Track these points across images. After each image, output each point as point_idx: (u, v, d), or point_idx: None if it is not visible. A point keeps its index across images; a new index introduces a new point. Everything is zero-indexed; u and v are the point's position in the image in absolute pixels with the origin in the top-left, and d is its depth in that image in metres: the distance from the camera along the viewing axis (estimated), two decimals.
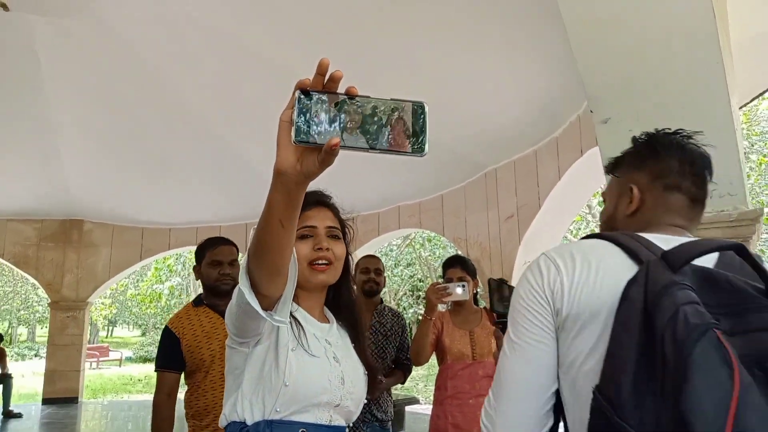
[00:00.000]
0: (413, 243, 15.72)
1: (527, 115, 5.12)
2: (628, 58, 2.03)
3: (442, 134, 5.70)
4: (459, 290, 2.52)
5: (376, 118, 0.69)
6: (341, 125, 0.69)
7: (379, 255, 16.77)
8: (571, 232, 11.38)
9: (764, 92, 3.97)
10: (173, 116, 5.93)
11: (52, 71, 5.24)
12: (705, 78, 1.96)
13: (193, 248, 2.58)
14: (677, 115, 2.05)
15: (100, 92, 5.61)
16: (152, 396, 2.16)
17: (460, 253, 6.51)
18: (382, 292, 3.08)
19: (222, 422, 1.19)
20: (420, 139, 0.70)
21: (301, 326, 1.18)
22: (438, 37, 4.32)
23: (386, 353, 2.90)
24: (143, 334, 28.50)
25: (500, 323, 1.66)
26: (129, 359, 22.21)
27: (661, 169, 1.07)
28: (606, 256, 0.92)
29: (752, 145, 12.21)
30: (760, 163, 10.55)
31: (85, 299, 8.75)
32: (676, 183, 1.05)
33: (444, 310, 2.89)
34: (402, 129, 0.70)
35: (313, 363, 1.16)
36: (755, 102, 11.52)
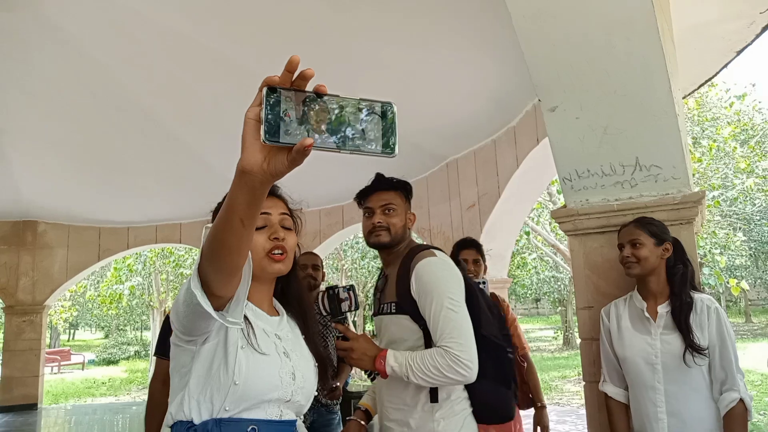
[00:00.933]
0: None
1: (485, 106, 5.18)
2: (573, 48, 2.08)
3: (403, 127, 5.60)
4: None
5: (345, 118, 0.68)
6: (310, 124, 0.67)
7: (345, 247, 16.66)
8: (532, 218, 11.58)
9: (709, 80, 4.12)
10: (127, 116, 5.78)
11: None
12: (646, 67, 2.02)
13: (153, 246, 2.53)
14: (620, 103, 2.11)
15: (49, 93, 5.42)
16: (116, 398, 2.11)
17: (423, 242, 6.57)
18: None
19: (168, 421, 1.16)
20: (390, 140, 0.70)
21: (251, 324, 1.17)
22: (396, 35, 4.32)
23: (328, 342, 2.91)
24: (106, 336, 27.85)
25: (338, 321, 1.69)
26: (92, 362, 21.64)
27: None
28: None
29: (703, 131, 12.65)
30: (711, 148, 10.95)
31: (41, 302, 8.47)
32: None
33: None
34: (371, 129, 0.69)
35: (263, 361, 1.14)
36: (705, 89, 11.92)
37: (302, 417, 1.30)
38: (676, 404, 1.88)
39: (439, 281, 1.61)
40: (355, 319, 20.45)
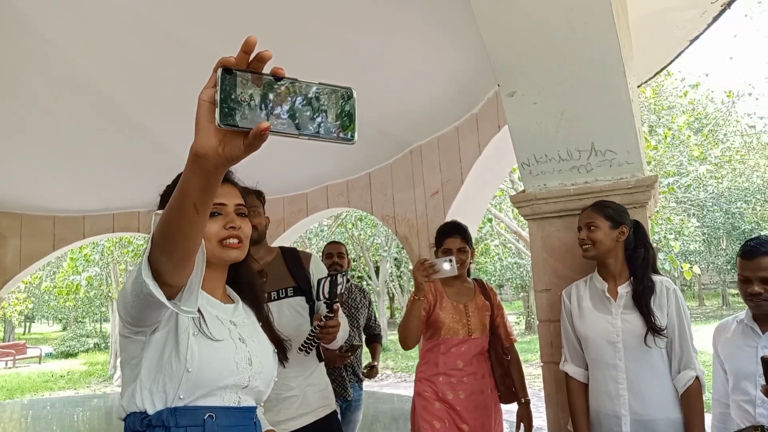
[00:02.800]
0: (344, 222, 15.72)
1: (449, 92, 5.19)
2: (531, 33, 2.09)
3: (367, 113, 5.67)
4: (446, 266, 2.28)
5: (303, 103, 0.66)
6: (268, 108, 0.65)
7: (309, 235, 16.52)
8: (494, 205, 11.74)
9: (663, 68, 4.22)
10: (82, 99, 5.56)
11: None
12: (601, 53, 2.06)
13: (111, 236, 2.50)
14: (577, 89, 2.15)
15: (2, 81, 5.17)
16: (76, 392, 2.05)
17: (386, 230, 6.53)
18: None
19: (119, 414, 1.14)
20: (349, 126, 0.68)
21: (201, 312, 1.14)
22: (360, 17, 4.27)
23: (358, 322, 3.50)
24: (64, 329, 27.09)
25: (333, 304, 1.82)
26: (50, 355, 21.04)
27: None
28: None
29: (660, 119, 13.02)
30: (666, 136, 11.28)
31: None
32: None
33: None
34: (331, 115, 0.67)
35: (216, 347, 1.13)
36: (662, 78, 12.25)
37: (262, 405, 1.29)
38: (636, 381, 1.95)
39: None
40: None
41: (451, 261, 2.28)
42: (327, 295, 1.79)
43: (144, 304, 0.99)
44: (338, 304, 1.81)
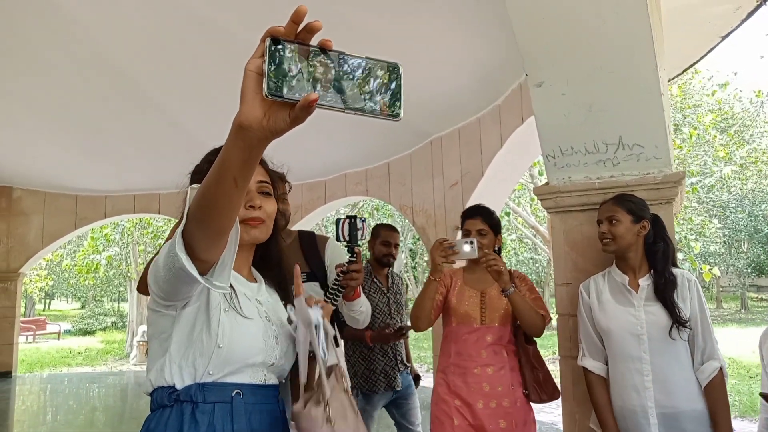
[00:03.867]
0: (361, 212, 15.73)
1: (471, 83, 5.15)
2: (562, 23, 2.06)
3: (383, 120, 5.64)
4: (466, 248, 2.16)
5: (350, 76, 0.65)
6: (315, 81, 0.64)
7: (326, 223, 16.50)
8: (512, 199, 11.66)
9: (693, 65, 4.14)
10: (106, 80, 5.62)
11: None
12: (633, 45, 2.02)
13: (131, 216, 2.52)
14: (606, 80, 2.11)
15: (25, 51, 5.23)
16: (93, 368, 2.06)
17: (403, 220, 6.50)
18: None
19: (146, 388, 1.14)
20: (395, 102, 0.67)
21: (233, 288, 1.14)
22: (386, 5, 4.25)
23: (403, 308, 3.41)
24: (83, 307, 27.60)
25: (354, 247, 1.81)
26: (68, 332, 21.47)
27: None
28: None
29: (685, 118, 12.78)
30: (691, 135, 11.08)
31: (16, 270, 8.34)
32: None
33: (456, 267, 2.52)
34: (377, 90, 0.66)
35: (247, 324, 1.13)
36: (689, 76, 12.01)
37: (284, 381, 1.30)
38: (660, 374, 1.92)
39: (343, 255, 1.91)
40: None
41: (471, 243, 2.16)
42: (347, 238, 1.77)
43: (176, 278, 0.98)
44: (360, 248, 1.79)
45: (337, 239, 1.84)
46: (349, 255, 1.78)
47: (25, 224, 8.40)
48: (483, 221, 2.36)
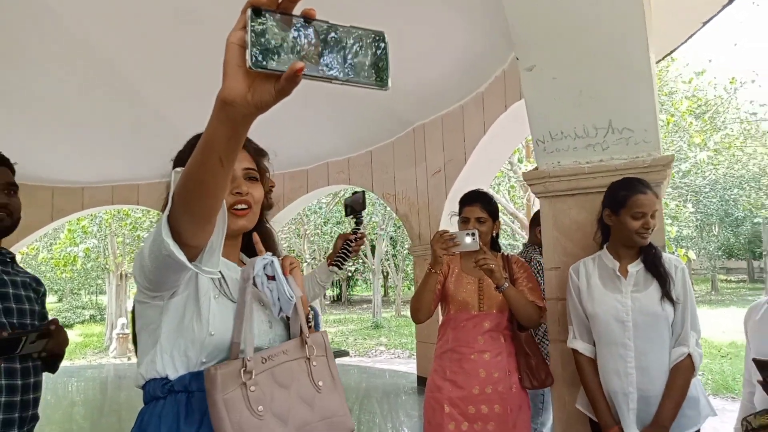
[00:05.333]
0: (342, 201, 15.68)
1: (454, 71, 5.14)
2: (555, 7, 2.06)
3: (369, 90, 5.62)
4: (467, 240, 2.13)
5: (336, 46, 0.63)
6: (299, 51, 0.62)
7: (308, 212, 16.39)
8: (493, 187, 11.74)
9: (673, 51, 4.18)
10: (84, 69, 5.48)
11: None
12: (626, 29, 2.03)
13: (109, 208, 2.47)
14: (598, 64, 2.12)
15: (1, 42, 5.06)
16: (71, 362, 1.96)
17: (385, 208, 6.46)
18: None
19: (138, 382, 1.12)
20: (382, 71, 0.65)
21: (222, 274, 1.11)
22: None
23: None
24: (60, 300, 27.07)
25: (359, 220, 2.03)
26: None
27: None
28: None
29: (662, 105, 12.97)
30: (668, 122, 11.25)
31: None
32: None
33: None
34: (364, 59, 0.64)
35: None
36: (665, 63, 12.18)
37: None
38: (643, 360, 1.95)
39: None
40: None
41: (473, 235, 2.14)
42: (362, 207, 1.97)
43: (163, 266, 0.95)
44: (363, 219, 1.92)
45: (347, 214, 1.98)
46: (356, 224, 1.93)
47: None
48: (482, 208, 2.34)
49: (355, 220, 1.92)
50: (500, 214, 2.54)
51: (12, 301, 1.64)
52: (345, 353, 7.91)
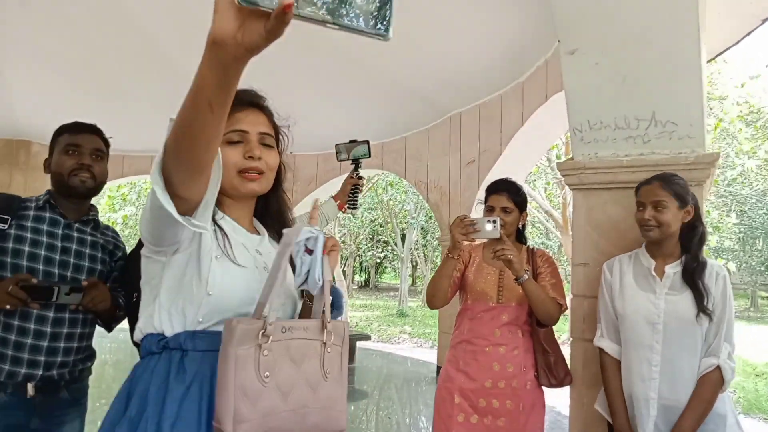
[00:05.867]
0: (375, 187, 15.68)
1: (494, 59, 5.02)
2: None
3: (407, 76, 5.56)
4: (488, 226, 2.06)
5: None
6: None
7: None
8: (529, 182, 11.52)
9: (731, 47, 3.98)
10: (126, 39, 5.56)
11: None
12: (677, 12, 1.91)
13: (148, 177, 2.69)
14: (644, 51, 2.01)
15: (47, 9, 5.17)
16: (107, 329, 2.05)
17: (417, 196, 6.41)
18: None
19: (137, 336, 1.11)
20: (384, 19, 0.60)
21: (227, 235, 1.10)
22: None
23: None
24: None
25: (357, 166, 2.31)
26: None
27: None
28: None
29: (710, 109, 12.48)
30: (716, 127, 10.83)
31: None
32: None
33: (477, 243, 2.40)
34: (365, 4, 0.60)
35: (239, 272, 1.08)
36: (717, 66, 11.69)
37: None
38: (670, 366, 1.86)
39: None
40: (345, 269, 20.64)
41: (494, 222, 2.06)
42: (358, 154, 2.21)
43: (159, 219, 0.94)
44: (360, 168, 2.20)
45: (344, 159, 2.30)
46: (356, 168, 2.26)
47: (42, 179, 8.41)
48: (509, 198, 2.25)
49: (354, 166, 2.21)
50: (534, 211, 2.49)
51: (71, 256, 1.77)
52: (367, 337, 7.94)
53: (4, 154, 8.17)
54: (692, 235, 1.89)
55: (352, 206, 2.17)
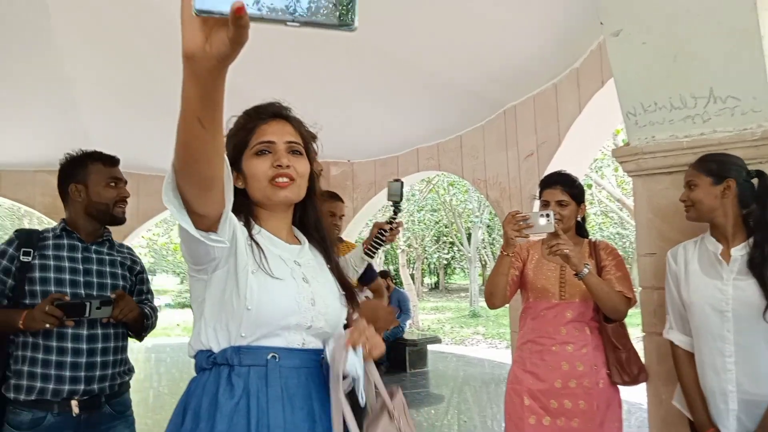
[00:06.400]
0: (436, 188, 15.60)
1: (546, 47, 4.86)
2: None
3: (457, 73, 5.49)
4: (542, 221, 2.00)
5: None
6: None
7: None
8: (595, 171, 11.07)
9: None
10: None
11: (61, 21, 5.15)
12: None
13: None
14: (694, 24, 1.88)
15: (113, 44, 5.51)
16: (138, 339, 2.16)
17: (477, 194, 6.32)
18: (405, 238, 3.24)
19: (190, 352, 1.16)
20: (349, 10, 0.59)
21: (261, 249, 1.12)
22: None
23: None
24: (181, 282, 29.46)
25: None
26: (168, 305, 23.15)
27: None
28: None
29: None
30: None
31: None
32: None
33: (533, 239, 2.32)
34: None
35: (277, 285, 1.10)
36: None
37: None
38: (746, 356, 1.73)
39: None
40: (414, 272, 20.63)
41: (548, 216, 1.99)
42: (398, 198, 1.98)
43: (186, 240, 0.98)
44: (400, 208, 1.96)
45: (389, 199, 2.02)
46: (394, 212, 1.96)
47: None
48: (563, 191, 2.19)
49: (393, 208, 1.93)
50: (605, 200, 2.40)
51: (94, 276, 1.90)
52: (438, 340, 7.90)
53: None
54: (753, 216, 1.75)
55: (368, 251, 1.99)
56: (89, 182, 1.96)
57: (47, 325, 1.68)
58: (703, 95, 2.01)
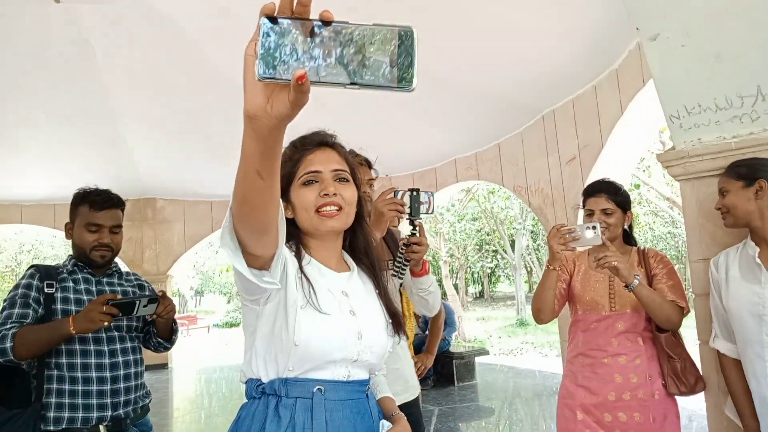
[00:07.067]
0: (476, 197, 15.45)
1: (581, 50, 4.78)
2: None
3: (495, 81, 5.46)
4: (588, 233, 1.94)
5: (355, 48, 0.59)
6: (314, 57, 0.59)
7: (441, 210, 16.51)
8: (642, 170, 10.74)
9: None
10: (228, 97, 6.00)
11: (106, 60, 5.40)
12: None
13: None
14: (734, 23, 1.82)
15: (156, 78, 5.74)
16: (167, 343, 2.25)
17: (519, 202, 6.21)
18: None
19: (241, 378, 1.19)
20: (408, 71, 0.60)
21: (311, 283, 1.13)
22: None
23: None
24: (228, 302, 30.12)
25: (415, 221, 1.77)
26: (216, 325, 23.70)
27: None
28: None
29: None
30: None
31: (165, 272, 9.27)
32: None
33: (580, 250, 2.26)
34: (387, 59, 0.60)
35: (324, 321, 1.11)
36: None
37: (383, 370, 1.27)
38: None
39: None
40: (457, 281, 20.45)
41: (594, 228, 1.93)
42: (408, 211, 1.74)
43: (239, 279, 1.01)
44: (421, 222, 1.77)
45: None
46: (411, 228, 1.77)
47: (169, 231, 9.32)
48: (608, 199, 2.13)
49: (408, 220, 1.79)
50: (655, 200, 2.31)
51: None
52: (485, 351, 7.78)
53: (134, 212, 9.10)
54: None
55: (396, 272, 1.85)
56: (75, 223, 2.02)
57: (105, 324, 1.77)
58: (750, 94, 1.93)
